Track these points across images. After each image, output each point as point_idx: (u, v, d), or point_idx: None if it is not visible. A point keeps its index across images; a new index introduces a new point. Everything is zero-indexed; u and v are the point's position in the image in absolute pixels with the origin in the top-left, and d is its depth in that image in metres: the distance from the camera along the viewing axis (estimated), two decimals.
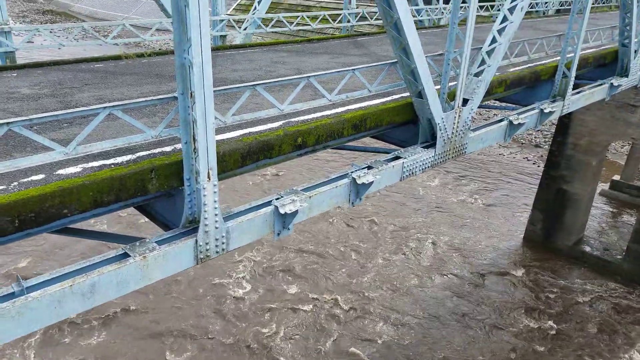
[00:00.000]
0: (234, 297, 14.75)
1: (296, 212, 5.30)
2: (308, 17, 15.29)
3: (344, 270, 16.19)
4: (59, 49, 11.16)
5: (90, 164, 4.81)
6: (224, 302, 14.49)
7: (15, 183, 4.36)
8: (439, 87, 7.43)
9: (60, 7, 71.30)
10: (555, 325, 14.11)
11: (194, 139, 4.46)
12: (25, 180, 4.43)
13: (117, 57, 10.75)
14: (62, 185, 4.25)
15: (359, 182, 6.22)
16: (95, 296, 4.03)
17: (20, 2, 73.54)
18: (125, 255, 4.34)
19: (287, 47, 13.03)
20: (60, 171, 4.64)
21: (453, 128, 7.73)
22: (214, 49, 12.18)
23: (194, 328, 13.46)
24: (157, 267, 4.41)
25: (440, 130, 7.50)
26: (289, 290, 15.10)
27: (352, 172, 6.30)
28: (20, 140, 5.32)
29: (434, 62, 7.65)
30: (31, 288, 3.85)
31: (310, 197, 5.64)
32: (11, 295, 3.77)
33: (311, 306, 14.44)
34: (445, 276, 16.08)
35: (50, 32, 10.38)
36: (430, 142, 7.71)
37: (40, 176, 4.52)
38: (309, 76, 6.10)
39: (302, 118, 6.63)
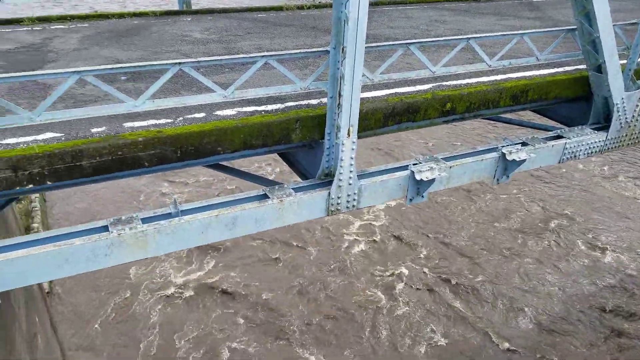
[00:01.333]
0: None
1: (433, 180, 5.31)
2: None
3: (475, 255, 15.67)
4: None
5: (244, 109, 5.35)
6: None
7: (181, 118, 5.05)
8: (624, 62, 6.62)
9: None
10: None
11: (339, 94, 4.69)
12: (189, 116, 5.12)
13: (278, 8, 11.46)
14: (219, 125, 4.83)
15: (509, 158, 5.94)
16: (237, 228, 4.60)
17: None
18: (264, 197, 4.84)
19: (450, 5, 12.55)
20: (218, 112, 5.25)
21: (635, 111, 6.88)
22: (372, 4, 12.25)
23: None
24: (292, 211, 4.84)
25: (618, 111, 6.73)
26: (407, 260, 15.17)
27: (502, 146, 6.04)
28: (188, 80, 6.09)
29: (623, 32, 6.80)
30: (185, 212, 4.54)
31: (450, 167, 5.58)
32: (168, 215, 4.49)
33: (433, 280, 14.38)
34: (596, 283, 14.64)
35: None
36: (603, 124, 6.97)
37: (202, 114, 5.17)
38: (469, 38, 5.89)
39: (454, 82, 6.47)
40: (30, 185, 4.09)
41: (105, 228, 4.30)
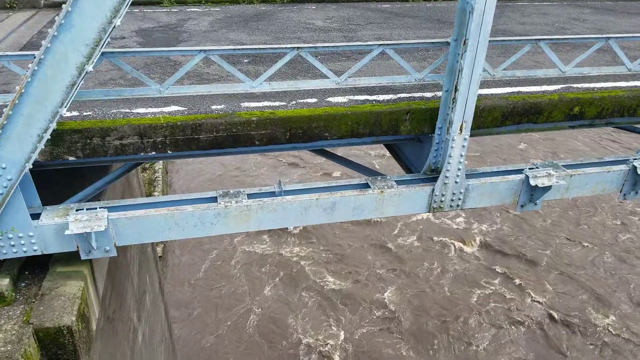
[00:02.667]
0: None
1: (549, 187, 4.99)
2: None
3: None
4: None
5: (356, 97, 5.43)
6: None
7: (294, 102, 5.27)
8: None
9: None
10: None
11: (456, 88, 4.57)
12: (301, 101, 5.31)
13: None
14: (329, 111, 4.96)
15: None
16: (335, 213, 4.73)
17: None
18: (366, 186, 4.90)
19: (594, 4, 11.56)
20: (330, 98, 5.38)
21: None
22: None
23: None
24: (391, 204, 4.85)
25: None
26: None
27: (634, 158, 5.48)
28: (305, 66, 6.32)
29: None
30: (287, 192, 4.75)
31: (571, 175, 5.20)
32: (272, 194, 4.73)
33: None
34: None
35: None
36: None
37: (313, 100, 5.34)
38: (608, 37, 5.40)
39: (586, 85, 5.99)
40: (153, 153, 4.54)
41: (214, 199, 4.66)
